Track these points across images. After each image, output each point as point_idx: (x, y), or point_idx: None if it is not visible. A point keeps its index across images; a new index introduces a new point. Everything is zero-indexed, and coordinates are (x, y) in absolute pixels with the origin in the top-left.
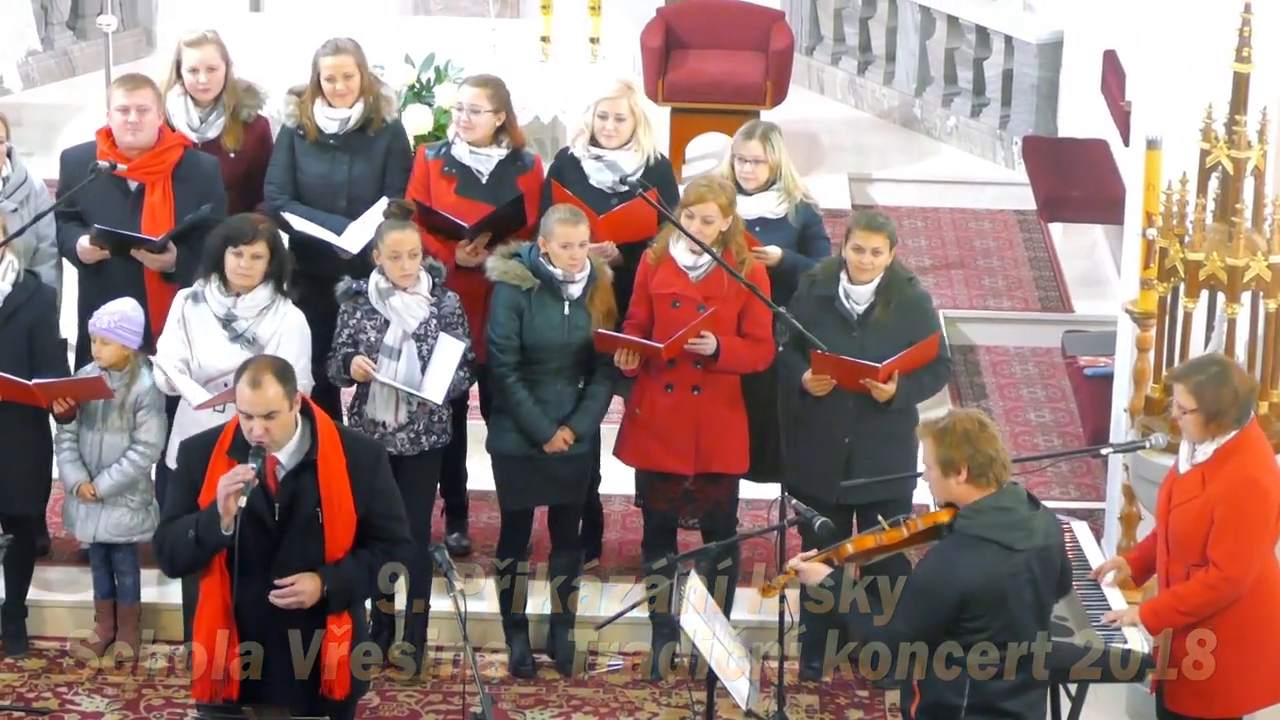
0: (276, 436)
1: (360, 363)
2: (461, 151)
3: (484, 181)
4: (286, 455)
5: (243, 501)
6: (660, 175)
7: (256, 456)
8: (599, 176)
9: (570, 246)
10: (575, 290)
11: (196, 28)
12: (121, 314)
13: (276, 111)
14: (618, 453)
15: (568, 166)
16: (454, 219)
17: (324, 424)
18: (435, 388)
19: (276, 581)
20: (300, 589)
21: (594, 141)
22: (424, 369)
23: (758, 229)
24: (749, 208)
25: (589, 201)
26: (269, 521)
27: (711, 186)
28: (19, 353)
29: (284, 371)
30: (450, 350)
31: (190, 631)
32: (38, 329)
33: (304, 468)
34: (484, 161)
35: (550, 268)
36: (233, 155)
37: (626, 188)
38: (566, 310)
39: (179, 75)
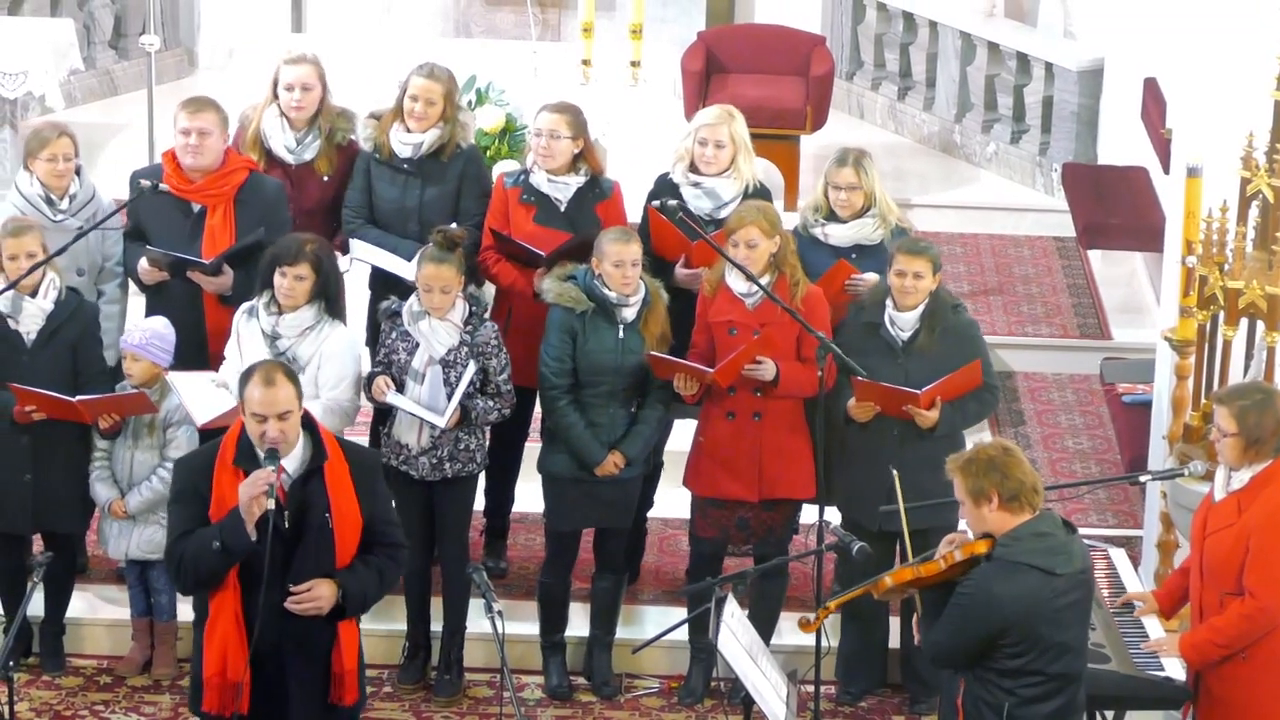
0: (289, 438)
1: (379, 382)
2: (540, 180)
3: (563, 210)
4: (292, 464)
5: (269, 504)
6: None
7: (272, 459)
8: (697, 203)
9: (622, 265)
10: (629, 314)
11: (295, 48)
12: (153, 331)
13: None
14: (687, 481)
15: (665, 192)
16: (530, 248)
17: (325, 433)
18: (444, 412)
19: (293, 589)
20: (318, 594)
21: (693, 168)
22: (450, 395)
23: (854, 255)
24: (844, 234)
25: (679, 225)
26: (281, 530)
27: (749, 210)
28: (63, 370)
29: (292, 373)
30: (463, 376)
31: (199, 647)
32: (81, 346)
33: (310, 475)
34: (562, 189)
35: (605, 290)
36: (325, 179)
37: (729, 211)
38: (621, 334)
39: (275, 95)
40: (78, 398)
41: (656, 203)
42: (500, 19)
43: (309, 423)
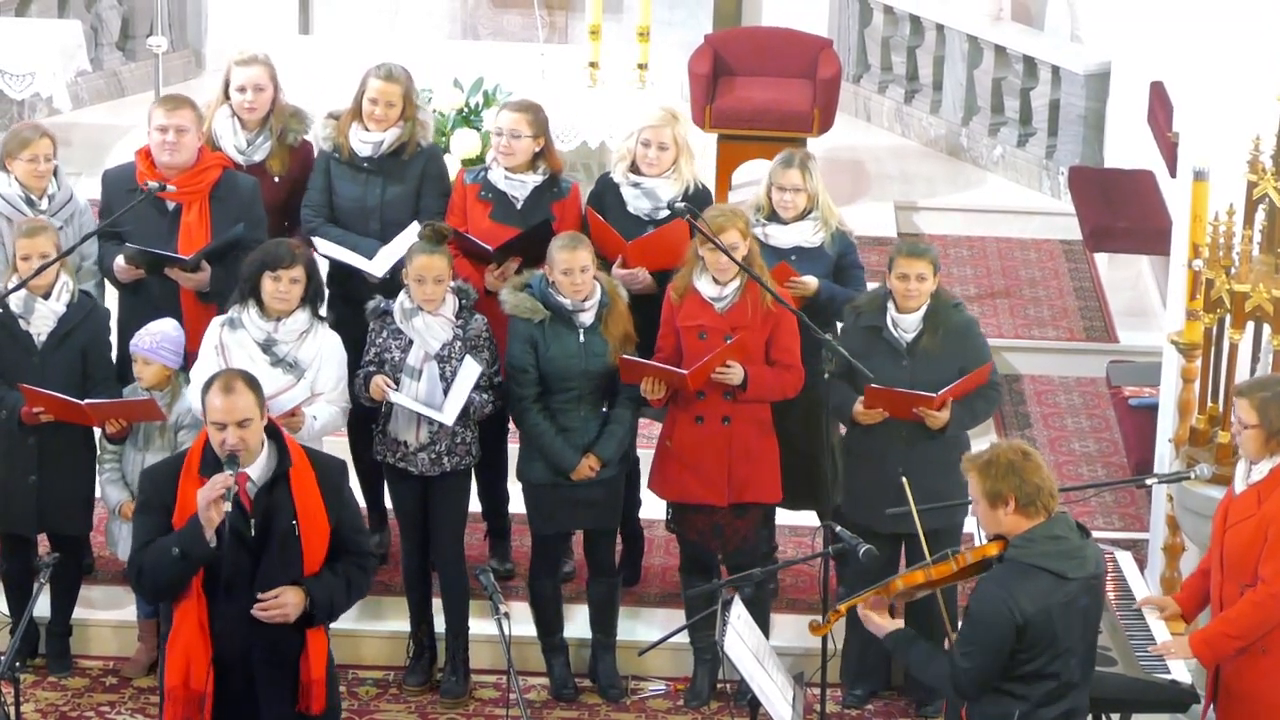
0: (250, 445)
1: (378, 381)
2: (497, 177)
3: (519, 207)
4: (257, 471)
5: (227, 507)
6: (699, 205)
7: (232, 464)
8: (637, 203)
9: (571, 272)
10: (588, 317)
11: (247, 48)
12: (163, 334)
13: (314, 136)
14: (652, 485)
15: (607, 192)
16: (480, 243)
17: (290, 441)
18: (449, 409)
19: (260, 596)
20: (284, 601)
21: (635, 168)
22: (447, 390)
23: (794, 258)
24: (786, 236)
25: (625, 228)
26: (247, 538)
27: (726, 214)
28: (73, 373)
29: (253, 381)
30: (468, 372)
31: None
32: (92, 349)
33: (276, 482)
34: (519, 187)
35: (559, 297)
36: (276, 180)
37: (668, 212)
38: (582, 338)
39: (227, 95)
40: (86, 401)
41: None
42: (507, 21)
43: (273, 431)
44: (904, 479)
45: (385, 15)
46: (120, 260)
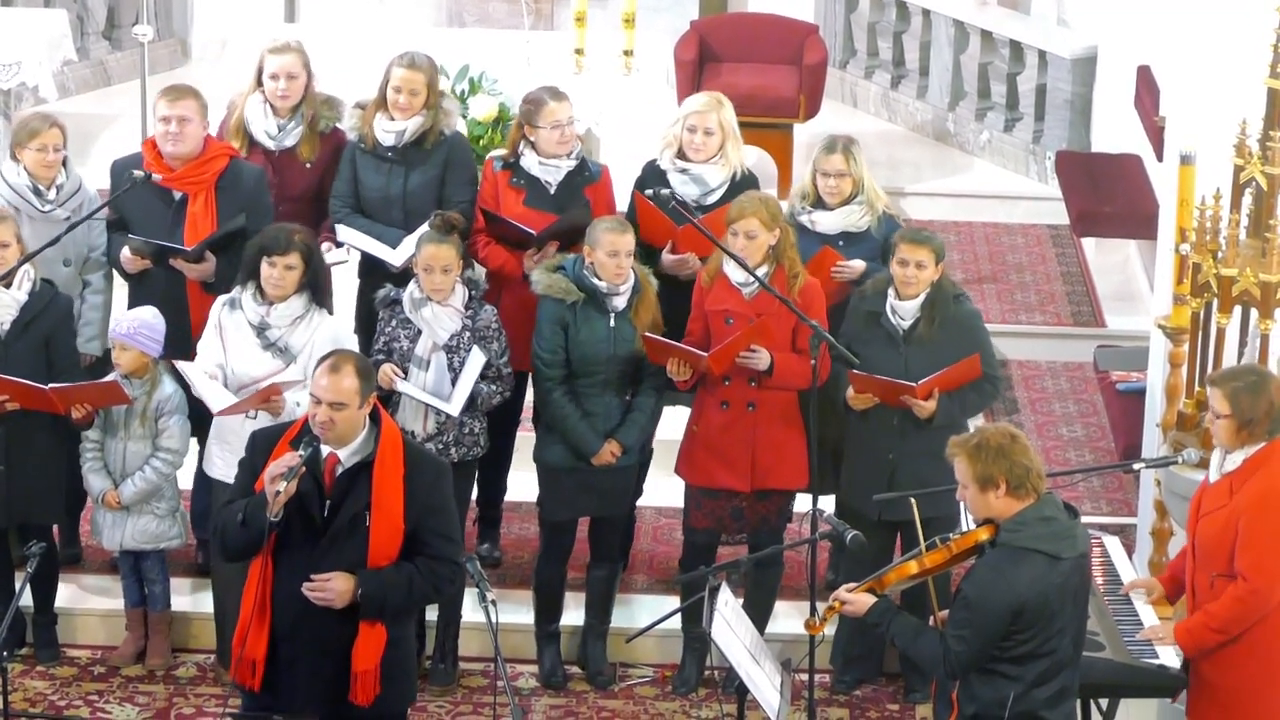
0: (339, 430)
1: (385, 369)
2: (530, 162)
3: (552, 192)
4: (347, 454)
5: (284, 487)
6: (746, 190)
7: (307, 446)
8: (684, 189)
9: (617, 255)
10: (620, 302)
11: (280, 36)
12: (141, 320)
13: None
14: (679, 470)
15: (653, 179)
16: (522, 226)
17: (389, 431)
18: (455, 399)
19: (312, 577)
20: (332, 587)
21: (681, 154)
22: (455, 381)
23: (841, 243)
24: (832, 222)
25: (672, 214)
26: (317, 517)
27: (751, 201)
28: (37, 362)
29: (366, 369)
30: (474, 363)
31: (221, 638)
32: (55, 337)
33: (361, 469)
34: (552, 172)
35: (595, 280)
36: (308, 166)
37: (717, 198)
38: (612, 322)
39: (259, 82)
40: (49, 386)
41: (649, 191)
42: (493, 8)
43: (377, 418)
44: (912, 500)
45: (371, 2)
46: (126, 251)
